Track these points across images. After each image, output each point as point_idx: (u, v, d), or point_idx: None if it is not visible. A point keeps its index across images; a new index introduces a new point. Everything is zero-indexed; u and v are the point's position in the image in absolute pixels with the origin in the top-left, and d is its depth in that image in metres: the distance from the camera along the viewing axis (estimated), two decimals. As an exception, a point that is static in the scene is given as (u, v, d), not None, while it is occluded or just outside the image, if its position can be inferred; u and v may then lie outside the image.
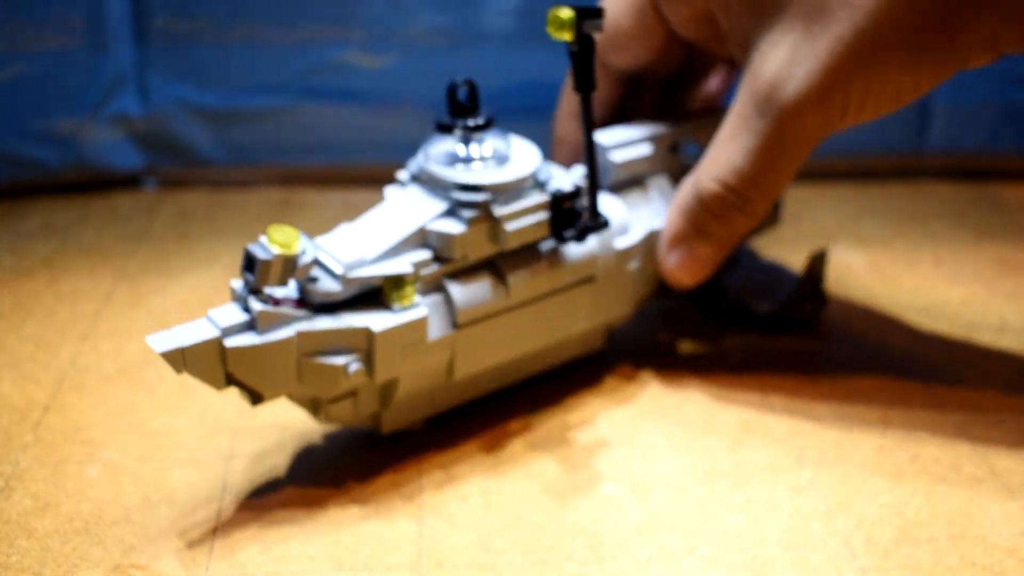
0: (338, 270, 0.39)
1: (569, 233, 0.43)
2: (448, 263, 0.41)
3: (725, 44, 0.47)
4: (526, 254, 0.43)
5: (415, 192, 0.43)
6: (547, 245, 0.44)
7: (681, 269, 0.47)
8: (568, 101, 0.52)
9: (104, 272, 0.60)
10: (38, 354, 0.51)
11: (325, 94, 0.71)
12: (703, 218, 0.46)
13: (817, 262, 0.52)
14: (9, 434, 0.45)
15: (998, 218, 0.67)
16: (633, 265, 0.47)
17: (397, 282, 0.39)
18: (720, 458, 0.44)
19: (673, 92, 0.54)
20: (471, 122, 0.42)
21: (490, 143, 0.43)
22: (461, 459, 0.44)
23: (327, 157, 0.73)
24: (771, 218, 0.56)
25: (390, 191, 0.44)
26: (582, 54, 0.40)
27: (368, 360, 0.39)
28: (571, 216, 0.43)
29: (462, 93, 0.43)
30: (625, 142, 0.48)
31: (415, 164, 0.43)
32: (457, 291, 0.41)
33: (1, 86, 0.67)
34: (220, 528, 0.39)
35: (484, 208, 0.41)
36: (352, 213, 0.70)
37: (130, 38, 0.69)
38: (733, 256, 0.54)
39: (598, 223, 0.43)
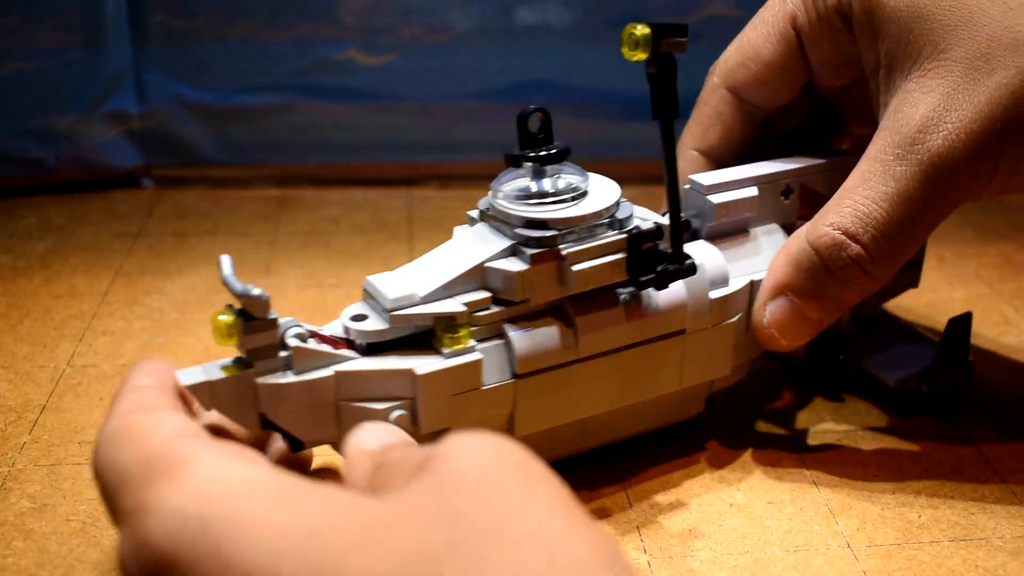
0: (385, 307, 0.36)
1: (647, 278, 0.38)
2: (509, 306, 0.37)
3: (856, 99, 0.44)
4: (600, 300, 0.39)
5: (482, 230, 0.39)
6: (626, 292, 0.39)
7: (778, 326, 0.41)
8: (690, 134, 0.46)
9: (101, 271, 0.60)
10: (35, 354, 0.51)
11: (323, 92, 0.71)
12: (816, 273, 0.40)
13: (959, 326, 0.45)
14: (6, 435, 0.45)
15: (1001, 217, 0.67)
16: (733, 320, 0.42)
17: (449, 324, 0.36)
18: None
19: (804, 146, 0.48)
20: (543, 154, 0.38)
21: (564, 177, 0.39)
22: None
23: (325, 156, 0.73)
24: (910, 278, 0.49)
25: (458, 230, 0.40)
26: (661, 76, 0.36)
27: (413, 407, 0.36)
28: (652, 259, 0.38)
29: (533, 122, 0.39)
30: (728, 182, 0.43)
31: (484, 200, 0.40)
32: (517, 336, 0.37)
33: (-2, 83, 0.67)
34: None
35: (550, 246, 0.37)
36: (350, 212, 0.71)
37: (128, 36, 0.69)
38: (865, 317, 0.49)
39: (682, 268, 0.38)
